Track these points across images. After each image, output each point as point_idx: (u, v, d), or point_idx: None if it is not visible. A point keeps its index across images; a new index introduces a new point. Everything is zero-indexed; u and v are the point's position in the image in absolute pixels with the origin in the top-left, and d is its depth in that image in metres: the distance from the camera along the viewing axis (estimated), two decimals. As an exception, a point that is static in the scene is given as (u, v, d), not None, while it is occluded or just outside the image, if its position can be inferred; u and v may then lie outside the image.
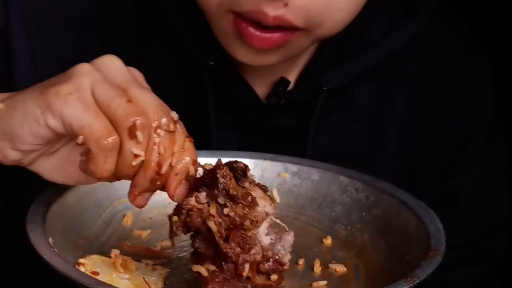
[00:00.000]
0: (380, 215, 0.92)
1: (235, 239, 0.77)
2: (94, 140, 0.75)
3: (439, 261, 0.81)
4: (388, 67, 1.07)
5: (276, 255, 0.80)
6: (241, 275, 0.77)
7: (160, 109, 0.78)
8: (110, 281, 0.80)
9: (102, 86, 0.77)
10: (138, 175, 0.78)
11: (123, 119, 0.76)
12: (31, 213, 0.83)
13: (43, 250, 0.78)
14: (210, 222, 0.77)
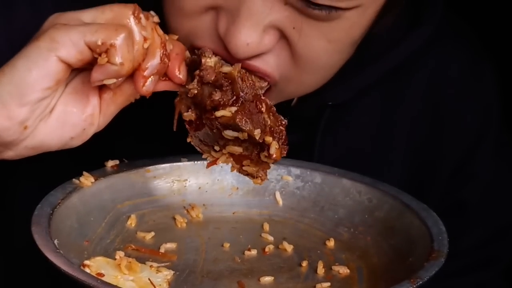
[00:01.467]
0: (383, 217, 0.92)
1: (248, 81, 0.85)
2: (113, 34, 0.80)
3: (442, 263, 0.81)
4: (393, 78, 1.05)
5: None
6: (260, 111, 0.84)
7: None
8: (115, 283, 0.80)
9: (84, 12, 0.82)
10: (148, 58, 0.83)
11: (123, 10, 0.81)
12: (36, 215, 0.83)
13: (48, 252, 0.79)
14: (226, 67, 0.84)
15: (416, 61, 1.06)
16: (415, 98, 1.07)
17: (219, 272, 0.86)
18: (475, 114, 1.08)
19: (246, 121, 0.83)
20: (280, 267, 0.88)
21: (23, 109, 0.80)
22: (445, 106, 1.07)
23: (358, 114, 1.05)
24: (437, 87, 1.07)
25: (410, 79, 1.06)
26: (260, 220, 0.95)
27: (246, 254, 0.90)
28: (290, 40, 0.86)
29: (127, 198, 0.93)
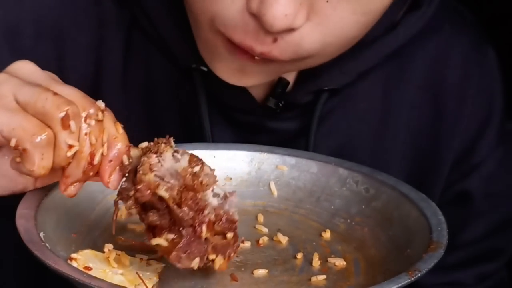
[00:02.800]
0: (380, 208, 0.90)
1: (187, 203, 0.78)
2: (28, 139, 0.75)
3: (441, 254, 0.79)
4: (393, 63, 1.03)
5: (227, 214, 0.80)
6: (200, 236, 0.78)
7: (85, 100, 0.78)
8: (103, 277, 0.78)
9: (23, 88, 0.76)
10: (71, 165, 0.78)
11: (54, 111, 0.75)
12: (21, 208, 0.81)
13: (33, 245, 0.77)
14: (161, 190, 0.77)
15: (415, 46, 1.04)
16: (415, 85, 1.05)
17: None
18: (478, 102, 1.06)
19: (180, 258, 0.79)
20: (274, 259, 0.86)
21: None
22: (446, 93, 1.06)
23: (356, 100, 1.04)
24: (438, 73, 1.06)
25: (410, 65, 1.05)
26: (254, 211, 0.94)
27: (239, 246, 0.87)
28: (322, 15, 0.84)
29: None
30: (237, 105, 1.01)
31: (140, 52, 1.02)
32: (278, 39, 0.85)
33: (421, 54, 1.05)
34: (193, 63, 0.99)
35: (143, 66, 1.02)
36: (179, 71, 1.01)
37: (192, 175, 0.78)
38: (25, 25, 1.00)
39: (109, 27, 1.01)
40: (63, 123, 0.75)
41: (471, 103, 1.07)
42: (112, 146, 0.79)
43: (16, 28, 1.00)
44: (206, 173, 0.80)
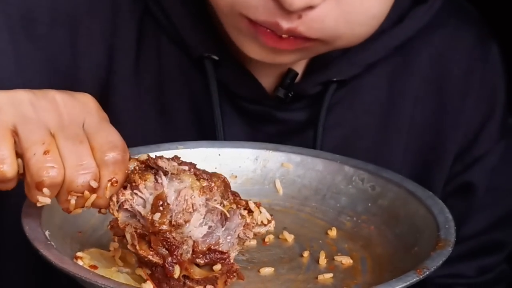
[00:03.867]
0: (387, 205, 0.90)
1: (157, 243, 0.75)
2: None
3: (449, 252, 0.79)
4: (398, 56, 1.05)
5: (214, 245, 0.77)
6: (173, 276, 0.76)
7: (77, 171, 0.74)
8: (109, 275, 0.78)
9: (26, 125, 0.74)
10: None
11: (34, 172, 0.74)
12: (26, 206, 0.81)
13: (39, 243, 0.76)
14: (126, 233, 0.76)
15: (421, 40, 1.05)
16: (420, 78, 1.06)
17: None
18: (481, 95, 1.07)
19: None
20: (280, 257, 0.86)
21: None
22: (450, 87, 1.07)
23: (362, 92, 1.04)
24: (442, 67, 1.06)
25: (415, 58, 1.06)
26: (260, 210, 0.93)
27: (245, 244, 0.86)
28: None
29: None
30: (247, 94, 1.02)
31: (152, 41, 1.03)
32: (303, 15, 0.86)
33: (426, 48, 1.06)
34: (204, 51, 0.99)
35: (155, 54, 1.02)
36: (190, 60, 1.02)
37: (152, 223, 0.75)
38: (40, 12, 1.00)
39: (122, 16, 1.02)
40: (37, 186, 0.74)
41: (474, 97, 1.07)
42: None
43: (32, 15, 1.00)
44: (177, 212, 0.75)
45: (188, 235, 0.77)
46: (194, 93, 1.03)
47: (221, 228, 0.78)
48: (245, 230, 0.79)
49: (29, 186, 0.75)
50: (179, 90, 1.03)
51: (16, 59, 1.00)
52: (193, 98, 1.03)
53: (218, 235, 0.78)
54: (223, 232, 0.78)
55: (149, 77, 1.02)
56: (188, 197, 0.76)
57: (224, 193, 0.78)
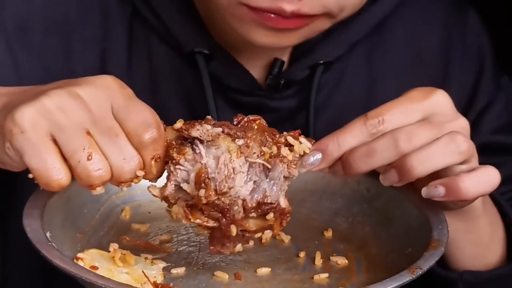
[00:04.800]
0: (382, 207, 0.91)
1: (208, 210, 0.79)
2: (42, 183, 0.75)
3: (442, 252, 0.80)
4: (376, 35, 1.07)
5: (262, 199, 0.80)
6: (230, 236, 0.80)
7: (122, 165, 0.77)
8: (109, 276, 0.79)
9: (63, 132, 0.75)
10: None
11: (83, 178, 0.76)
12: (28, 208, 0.82)
13: (41, 244, 0.77)
14: (179, 207, 0.80)
15: (395, 17, 1.07)
16: (398, 54, 1.08)
17: (215, 263, 0.85)
18: (466, 58, 1.09)
19: (219, 250, 0.81)
20: (277, 258, 0.87)
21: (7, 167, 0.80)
22: (429, 58, 1.09)
23: (346, 73, 1.07)
24: (419, 41, 1.09)
25: (391, 35, 1.09)
26: (257, 211, 0.94)
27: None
28: None
29: (121, 189, 0.92)
30: (239, 86, 1.03)
31: (143, 42, 1.04)
32: None
33: (400, 24, 1.09)
34: (195, 47, 1.01)
35: (146, 55, 1.04)
36: (181, 57, 1.03)
37: (199, 199, 0.78)
38: (34, 21, 1.02)
39: (112, 20, 1.03)
40: (89, 187, 0.77)
41: (459, 62, 1.09)
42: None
43: (26, 25, 1.02)
44: (220, 181, 0.78)
45: (236, 196, 0.79)
46: (187, 90, 1.04)
47: (266, 179, 0.81)
48: (289, 169, 0.81)
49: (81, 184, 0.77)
50: (172, 88, 1.04)
51: (15, 69, 1.01)
52: (187, 95, 1.04)
53: (264, 188, 0.81)
54: (268, 183, 0.81)
55: (142, 78, 1.03)
56: (228, 161, 0.79)
57: (262, 140, 0.80)
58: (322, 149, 0.84)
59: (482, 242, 0.96)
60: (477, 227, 0.95)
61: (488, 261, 0.98)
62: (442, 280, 0.97)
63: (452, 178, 0.82)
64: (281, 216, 0.82)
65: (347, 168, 0.83)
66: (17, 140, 0.75)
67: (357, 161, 0.82)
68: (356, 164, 0.82)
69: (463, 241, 0.95)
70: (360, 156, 0.82)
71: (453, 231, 0.92)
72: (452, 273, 0.97)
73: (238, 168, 0.79)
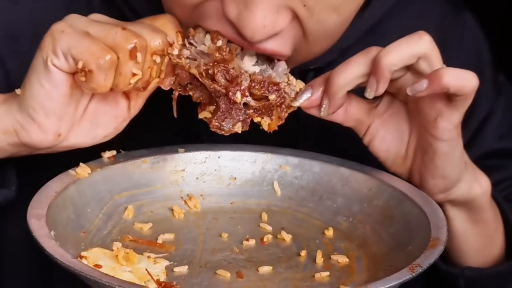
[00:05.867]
0: (382, 206, 0.92)
1: (219, 74, 0.84)
2: (93, 61, 0.82)
3: (441, 250, 0.81)
4: (370, 39, 1.05)
5: (268, 78, 0.86)
6: (235, 103, 0.85)
7: (154, 34, 0.85)
8: (113, 274, 0.79)
9: (95, 24, 0.84)
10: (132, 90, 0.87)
11: (124, 43, 0.83)
12: (32, 207, 0.83)
13: (46, 243, 0.78)
14: (192, 69, 0.86)
15: (389, 21, 1.06)
16: None
17: (217, 262, 0.86)
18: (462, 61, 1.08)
19: (221, 126, 0.85)
20: (278, 256, 0.88)
21: (50, 120, 0.85)
22: None
23: None
24: None
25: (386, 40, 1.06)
26: (258, 210, 0.95)
27: (244, 244, 0.89)
28: (301, 17, 0.87)
29: (124, 189, 0.93)
30: None
31: None
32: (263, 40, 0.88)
33: (395, 28, 1.07)
34: None
35: None
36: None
37: (217, 50, 0.84)
38: (22, 28, 1.02)
39: None
40: (131, 54, 0.83)
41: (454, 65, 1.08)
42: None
43: (15, 32, 1.02)
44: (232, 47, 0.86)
45: (245, 70, 0.86)
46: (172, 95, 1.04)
47: (271, 69, 0.87)
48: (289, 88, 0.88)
49: (122, 65, 0.83)
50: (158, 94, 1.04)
51: (4, 76, 1.01)
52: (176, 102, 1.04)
53: (269, 73, 0.87)
54: (273, 72, 0.87)
55: None
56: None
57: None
58: (312, 83, 0.89)
59: (487, 234, 0.97)
60: (483, 219, 0.96)
61: (491, 255, 0.99)
62: (444, 275, 0.98)
63: (434, 70, 0.86)
64: (282, 105, 0.87)
65: (327, 88, 0.87)
66: (62, 39, 0.83)
67: (335, 75, 0.87)
68: (333, 78, 0.87)
69: (470, 233, 0.96)
70: (336, 70, 0.87)
71: (460, 223, 0.94)
72: (454, 269, 0.98)
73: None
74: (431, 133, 0.89)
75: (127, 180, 0.93)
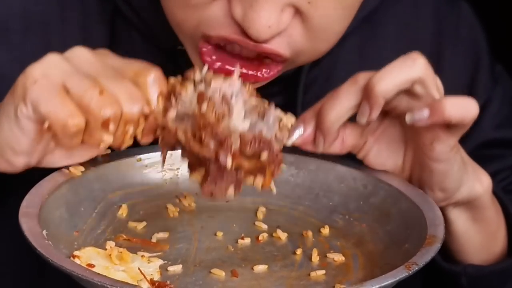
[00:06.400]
0: (378, 203, 0.91)
1: (206, 138, 0.80)
2: (59, 125, 0.79)
3: (438, 248, 0.80)
4: (366, 30, 1.06)
5: (259, 135, 0.82)
6: (226, 168, 0.81)
7: (132, 101, 0.80)
8: (106, 273, 0.79)
9: (73, 77, 0.80)
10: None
11: (97, 112, 0.79)
12: (24, 206, 0.82)
13: (37, 242, 0.77)
14: (179, 134, 0.81)
15: (385, 12, 1.06)
16: (389, 50, 1.07)
17: (212, 261, 0.85)
18: (459, 52, 1.08)
19: (212, 192, 0.82)
20: (274, 255, 0.87)
21: (20, 157, 0.83)
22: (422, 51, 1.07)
23: (336, 69, 1.06)
24: (409, 35, 1.08)
25: (382, 30, 1.07)
26: (254, 208, 0.94)
27: (239, 242, 0.89)
28: (305, 14, 0.86)
29: (118, 188, 0.92)
30: None
31: (125, 41, 1.03)
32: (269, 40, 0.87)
33: (392, 19, 1.08)
34: (177, 44, 1.00)
35: (129, 54, 1.03)
36: (164, 56, 1.02)
37: (201, 116, 0.81)
38: (13, 20, 1.01)
39: (93, 19, 1.03)
40: (103, 124, 0.79)
41: (451, 57, 1.09)
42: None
43: (5, 25, 1.01)
44: (219, 102, 0.81)
45: (234, 129, 0.82)
46: None
47: (261, 121, 0.83)
48: (281, 131, 0.84)
49: (92, 130, 0.80)
50: None
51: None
52: None
53: (260, 128, 0.83)
54: (264, 125, 0.83)
55: None
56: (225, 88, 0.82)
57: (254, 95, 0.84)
58: (303, 118, 0.88)
59: (489, 232, 0.97)
60: (485, 218, 0.96)
61: (494, 252, 0.98)
62: (446, 273, 0.98)
63: (435, 100, 0.84)
64: (274, 163, 0.83)
65: (320, 124, 0.85)
66: (32, 91, 0.79)
67: (326, 110, 0.85)
68: (325, 113, 0.85)
69: (472, 232, 0.95)
70: (327, 104, 0.85)
71: (462, 223, 0.93)
72: (455, 267, 0.97)
73: (235, 104, 0.82)
74: (427, 154, 0.88)
75: (121, 179, 0.93)
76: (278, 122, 0.84)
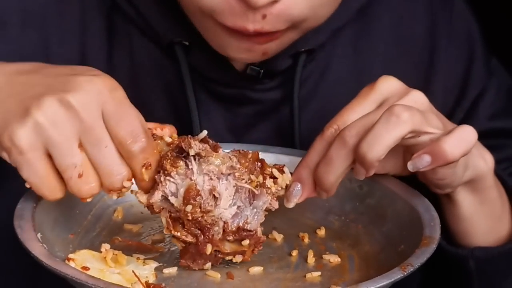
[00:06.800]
0: (374, 205, 0.91)
1: (190, 226, 0.80)
2: (40, 192, 0.80)
3: (434, 249, 0.80)
4: (361, 23, 1.06)
5: (243, 225, 0.82)
6: (204, 254, 0.81)
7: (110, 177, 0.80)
8: (100, 276, 0.79)
9: (56, 149, 0.78)
10: None
11: (75, 192, 0.79)
12: (19, 209, 0.82)
13: (32, 245, 0.77)
14: (162, 217, 0.82)
15: (380, 5, 1.06)
16: (384, 43, 1.07)
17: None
18: (453, 45, 1.08)
19: (189, 265, 0.83)
20: (269, 257, 0.87)
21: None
22: (415, 46, 1.08)
23: (331, 62, 1.06)
24: (404, 29, 1.08)
25: (376, 23, 1.07)
26: (250, 210, 0.94)
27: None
28: None
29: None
30: (219, 77, 1.03)
31: (122, 35, 1.03)
32: (267, 14, 0.87)
33: (386, 12, 1.08)
34: (174, 37, 1.00)
35: (126, 49, 1.03)
36: (161, 49, 1.03)
37: (185, 214, 0.80)
38: (10, 14, 1.01)
39: (91, 13, 1.03)
40: (81, 199, 0.80)
41: (445, 50, 1.09)
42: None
43: (3, 18, 1.01)
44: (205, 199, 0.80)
45: (219, 217, 0.81)
46: (168, 82, 1.03)
47: (250, 207, 0.82)
48: (271, 201, 0.83)
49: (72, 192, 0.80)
50: (153, 82, 1.04)
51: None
52: (168, 88, 1.03)
53: (246, 214, 0.82)
54: (251, 210, 0.83)
55: (123, 73, 1.03)
56: (215, 179, 0.80)
57: (251, 169, 0.82)
58: (299, 178, 0.86)
59: (494, 214, 0.97)
60: (490, 199, 0.95)
61: (499, 235, 0.98)
62: (452, 257, 0.97)
63: (434, 143, 0.82)
64: (256, 244, 0.83)
65: (320, 186, 0.85)
66: (16, 159, 0.78)
67: (323, 174, 0.84)
68: (323, 177, 0.84)
69: (478, 215, 0.95)
70: (322, 169, 0.84)
71: (468, 206, 0.93)
72: (462, 250, 0.97)
73: (224, 191, 0.81)
74: (427, 177, 0.88)
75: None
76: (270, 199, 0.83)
